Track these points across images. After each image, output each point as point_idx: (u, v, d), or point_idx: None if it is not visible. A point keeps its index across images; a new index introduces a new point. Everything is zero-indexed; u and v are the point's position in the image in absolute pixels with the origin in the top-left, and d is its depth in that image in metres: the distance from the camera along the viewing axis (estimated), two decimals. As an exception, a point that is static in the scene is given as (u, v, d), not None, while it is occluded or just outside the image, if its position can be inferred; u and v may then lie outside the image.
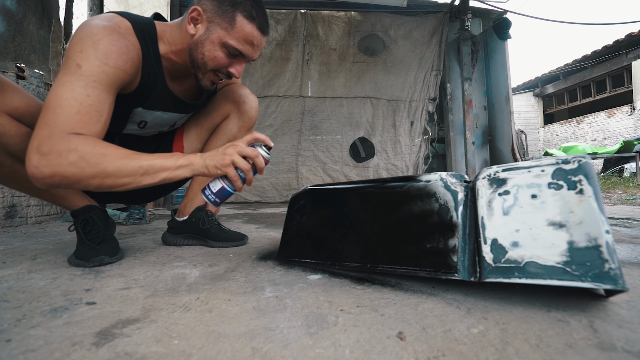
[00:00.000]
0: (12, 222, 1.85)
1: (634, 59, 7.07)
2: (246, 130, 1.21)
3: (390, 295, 0.68)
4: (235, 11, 0.86)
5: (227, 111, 1.19)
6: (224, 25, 0.87)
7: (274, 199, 3.87)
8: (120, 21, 0.85)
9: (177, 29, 0.93)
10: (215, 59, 0.90)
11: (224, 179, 0.83)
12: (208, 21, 0.88)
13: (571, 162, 0.63)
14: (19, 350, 0.47)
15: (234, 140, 0.97)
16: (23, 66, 2.00)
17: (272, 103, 3.95)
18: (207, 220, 1.22)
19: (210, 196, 0.84)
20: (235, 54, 0.91)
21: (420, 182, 0.78)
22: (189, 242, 1.25)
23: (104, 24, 0.81)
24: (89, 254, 0.95)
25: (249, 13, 0.87)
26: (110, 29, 0.80)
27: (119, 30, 0.83)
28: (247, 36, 0.89)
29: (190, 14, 0.88)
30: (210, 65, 0.92)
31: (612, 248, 0.55)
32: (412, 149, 4.12)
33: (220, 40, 0.88)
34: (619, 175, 4.99)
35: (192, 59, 0.92)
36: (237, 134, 1.20)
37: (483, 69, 4.14)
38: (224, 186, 0.83)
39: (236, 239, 1.24)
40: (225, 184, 0.83)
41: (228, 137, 1.19)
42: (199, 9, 0.87)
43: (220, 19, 0.87)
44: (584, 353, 0.45)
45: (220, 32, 0.88)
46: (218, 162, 0.80)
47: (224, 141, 1.18)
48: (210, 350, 0.47)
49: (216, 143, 1.20)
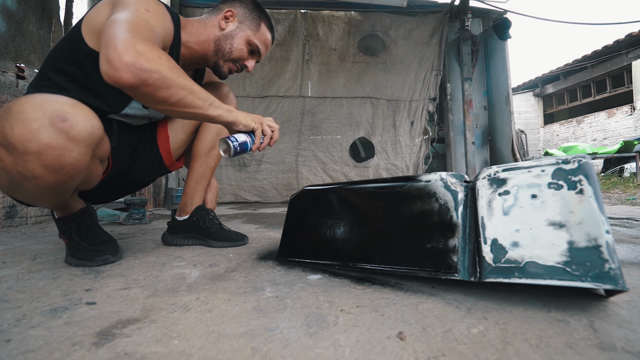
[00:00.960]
0: (12, 222, 1.85)
1: (634, 59, 7.07)
2: None
3: (390, 295, 0.68)
4: (261, 20, 1.09)
5: None
6: (252, 27, 1.08)
7: (274, 199, 3.87)
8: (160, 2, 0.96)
9: (200, 23, 1.06)
10: (241, 51, 1.08)
11: (248, 135, 0.95)
12: (239, 22, 1.07)
13: (571, 162, 0.63)
14: (19, 350, 0.47)
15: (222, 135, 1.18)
16: (23, 66, 2.00)
17: (272, 103, 3.94)
18: (207, 219, 1.23)
19: (235, 143, 0.91)
20: (254, 52, 1.10)
21: (421, 182, 0.78)
22: (189, 242, 1.25)
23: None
24: (92, 255, 0.95)
25: (269, 24, 1.11)
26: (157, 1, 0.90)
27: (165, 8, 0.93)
28: (266, 40, 1.11)
29: (225, 13, 1.05)
30: (234, 55, 1.07)
31: (612, 248, 0.55)
32: (412, 149, 4.12)
33: (248, 38, 1.07)
34: (619, 175, 4.99)
35: (217, 48, 1.06)
36: (219, 131, 1.26)
37: (483, 69, 4.14)
38: (247, 141, 0.94)
39: (236, 239, 1.25)
40: (248, 140, 0.94)
41: (217, 130, 1.24)
42: (232, 10, 1.06)
43: (249, 22, 1.08)
44: (584, 353, 0.45)
45: (248, 32, 1.07)
46: (253, 119, 0.94)
47: (214, 134, 1.23)
48: (210, 350, 0.47)
49: (207, 136, 1.23)
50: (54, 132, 0.67)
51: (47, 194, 0.76)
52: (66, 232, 0.97)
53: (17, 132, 0.64)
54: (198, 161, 1.24)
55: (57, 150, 0.67)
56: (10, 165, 0.67)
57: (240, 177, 3.87)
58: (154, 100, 0.76)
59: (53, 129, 0.66)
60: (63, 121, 0.68)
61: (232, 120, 0.90)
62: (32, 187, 0.71)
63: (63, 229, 0.98)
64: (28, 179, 0.69)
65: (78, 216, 0.98)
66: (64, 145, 0.68)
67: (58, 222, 0.98)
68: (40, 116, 0.66)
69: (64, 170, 0.71)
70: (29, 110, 0.66)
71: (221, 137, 1.17)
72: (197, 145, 1.24)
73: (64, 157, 0.69)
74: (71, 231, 0.96)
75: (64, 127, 0.68)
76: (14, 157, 0.66)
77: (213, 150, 1.24)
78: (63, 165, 0.70)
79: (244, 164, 3.90)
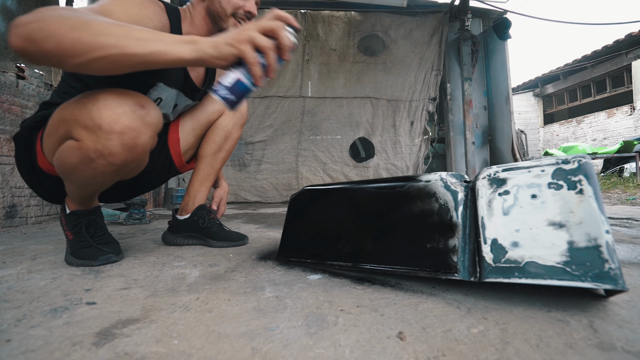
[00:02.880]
0: (12, 222, 1.85)
1: (634, 59, 7.07)
2: (240, 126, 1.28)
3: (390, 295, 0.68)
4: None
5: (223, 109, 1.24)
6: None
7: (274, 199, 3.87)
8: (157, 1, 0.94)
9: (189, 7, 1.05)
10: (230, 2, 1.00)
11: (240, 68, 0.66)
12: None
13: (571, 162, 0.63)
14: (19, 350, 0.47)
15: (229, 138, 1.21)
16: (23, 66, 2.00)
17: (272, 103, 3.95)
18: (208, 219, 1.23)
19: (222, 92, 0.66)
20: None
21: (420, 182, 0.78)
22: (189, 241, 1.25)
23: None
24: (95, 254, 0.95)
25: None
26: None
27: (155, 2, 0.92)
28: None
29: None
30: (229, 9, 1.01)
31: (612, 248, 0.55)
32: (412, 149, 4.12)
33: None
34: (619, 175, 4.99)
35: (213, 14, 1.02)
36: (232, 129, 1.25)
37: (483, 69, 4.14)
38: (240, 78, 0.66)
39: (236, 238, 1.25)
40: (241, 75, 0.66)
41: (225, 133, 1.24)
42: None
43: None
44: (584, 353, 0.45)
45: None
46: (231, 38, 0.66)
47: (221, 137, 1.24)
48: (210, 350, 0.47)
49: (214, 138, 1.24)
50: (134, 116, 0.77)
51: (108, 174, 0.83)
52: (75, 226, 0.98)
53: (104, 114, 0.74)
54: (204, 162, 1.23)
55: (135, 132, 0.77)
56: (89, 144, 0.76)
57: (240, 177, 3.87)
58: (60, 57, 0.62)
59: (133, 114, 0.77)
60: (141, 108, 0.78)
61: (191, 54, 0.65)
62: (100, 165, 0.79)
63: (74, 223, 0.99)
64: (104, 156, 0.77)
65: (92, 212, 1.01)
66: (140, 128, 0.78)
67: (70, 216, 0.99)
68: (124, 103, 0.76)
69: (135, 150, 0.80)
70: (115, 98, 0.76)
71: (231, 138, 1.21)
72: (203, 146, 1.24)
73: (139, 138, 0.79)
74: (81, 226, 0.98)
75: (141, 114, 0.78)
76: (96, 136, 0.75)
77: (220, 152, 1.24)
78: (136, 145, 0.79)
79: (244, 164, 3.90)
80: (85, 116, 0.74)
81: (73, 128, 0.77)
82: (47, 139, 0.86)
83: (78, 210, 0.99)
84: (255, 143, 3.91)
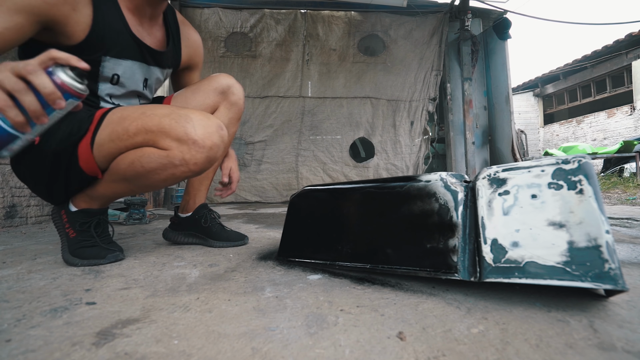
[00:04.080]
0: (12, 222, 1.85)
1: (634, 59, 7.07)
2: (236, 121, 1.23)
3: (390, 295, 0.68)
4: None
5: (216, 103, 1.18)
6: None
7: (274, 199, 3.86)
8: None
9: None
10: None
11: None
12: None
13: (571, 162, 0.63)
14: (19, 350, 0.47)
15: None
16: (23, 66, 1.99)
17: (272, 103, 3.94)
18: (209, 218, 1.23)
19: None
20: None
21: (420, 182, 0.78)
22: (189, 240, 1.25)
23: None
24: (102, 252, 0.96)
25: None
26: None
27: None
28: None
29: None
30: None
31: (612, 248, 0.55)
32: (412, 149, 4.12)
33: None
34: (619, 175, 4.99)
35: None
36: (227, 125, 1.20)
37: (483, 69, 4.14)
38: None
39: (236, 238, 1.25)
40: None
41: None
42: None
43: None
44: (584, 353, 0.45)
45: None
46: None
47: None
48: (210, 350, 0.47)
49: None
50: (218, 136, 0.91)
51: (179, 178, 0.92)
52: (83, 225, 0.98)
53: (199, 132, 0.87)
54: None
55: (218, 148, 0.91)
56: (177, 153, 0.86)
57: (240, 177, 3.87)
58: None
59: (218, 134, 0.91)
60: (222, 129, 0.92)
61: None
62: (179, 171, 0.89)
63: (82, 221, 0.98)
64: (188, 164, 0.88)
65: (102, 212, 1.03)
66: (220, 145, 0.92)
67: (77, 215, 0.99)
68: (213, 124, 0.90)
69: (213, 162, 0.92)
70: (205, 119, 0.89)
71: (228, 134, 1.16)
72: None
73: (219, 153, 0.92)
74: (90, 225, 0.99)
75: (223, 134, 0.92)
76: (188, 148, 0.86)
77: None
78: (216, 158, 0.93)
79: (244, 164, 3.90)
80: (180, 131, 0.85)
81: (160, 138, 0.86)
82: (110, 144, 0.89)
83: (90, 209, 0.99)
84: (255, 143, 3.91)
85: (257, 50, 3.90)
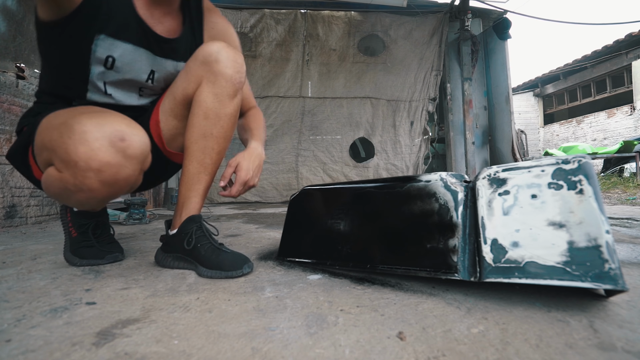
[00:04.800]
0: (12, 222, 1.85)
1: (634, 59, 7.07)
2: (228, 98, 0.89)
3: (390, 295, 0.68)
4: None
5: (199, 77, 0.89)
6: None
7: (274, 199, 3.87)
8: None
9: None
10: None
11: None
12: None
13: (571, 162, 0.63)
14: (19, 350, 0.47)
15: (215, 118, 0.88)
16: (23, 66, 2.00)
17: (272, 103, 3.95)
18: (195, 237, 0.87)
19: None
20: None
21: (421, 182, 0.78)
22: (178, 264, 0.91)
23: None
24: (101, 253, 0.96)
25: None
26: None
27: None
28: None
29: None
30: None
31: (612, 248, 0.55)
32: (412, 149, 4.13)
33: None
34: (619, 175, 4.99)
35: None
36: (213, 104, 0.88)
37: (483, 69, 4.14)
38: None
39: (231, 267, 0.83)
40: None
41: (203, 111, 0.89)
42: None
43: None
44: (584, 353, 0.45)
45: None
46: None
47: (200, 117, 0.89)
48: (210, 350, 0.47)
49: (193, 120, 0.90)
50: (113, 151, 0.70)
51: (95, 203, 0.79)
52: (82, 226, 0.98)
53: (80, 150, 0.68)
54: (188, 156, 0.91)
55: (114, 168, 0.71)
56: (68, 178, 0.71)
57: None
58: None
59: (112, 148, 0.70)
60: (121, 141, 0.71)
61: None
62: (83, 197, 0.74)
63: (80, 223, 0.98)
64: (83, 191, 0.72)
65: (100, 215, 1.01)
66: (120, 163, 0.71)
67: (77, 215, 0.99)
68: (101, 136, 0.69)
69: (117, 185, 0.74)
70: (92, 130, 0.69)
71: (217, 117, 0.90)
72: (185, 134, 0.92)
73: (119, 174, 0.72)
74: (88, 227, 0.98)
75: (121, 147, 0.71)
76: (74, 172, 0.69)
77: (206, 139, 0.89)
78: (117, 181, 0.73)
79: (244, 164, 3.90)
80: (62, 151, 0.69)
81: (53, 158, 0.72)
82: (37, 157, 0.81)
83: (86, 212, 0.99)
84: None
85: (257, 50, 3.90)
